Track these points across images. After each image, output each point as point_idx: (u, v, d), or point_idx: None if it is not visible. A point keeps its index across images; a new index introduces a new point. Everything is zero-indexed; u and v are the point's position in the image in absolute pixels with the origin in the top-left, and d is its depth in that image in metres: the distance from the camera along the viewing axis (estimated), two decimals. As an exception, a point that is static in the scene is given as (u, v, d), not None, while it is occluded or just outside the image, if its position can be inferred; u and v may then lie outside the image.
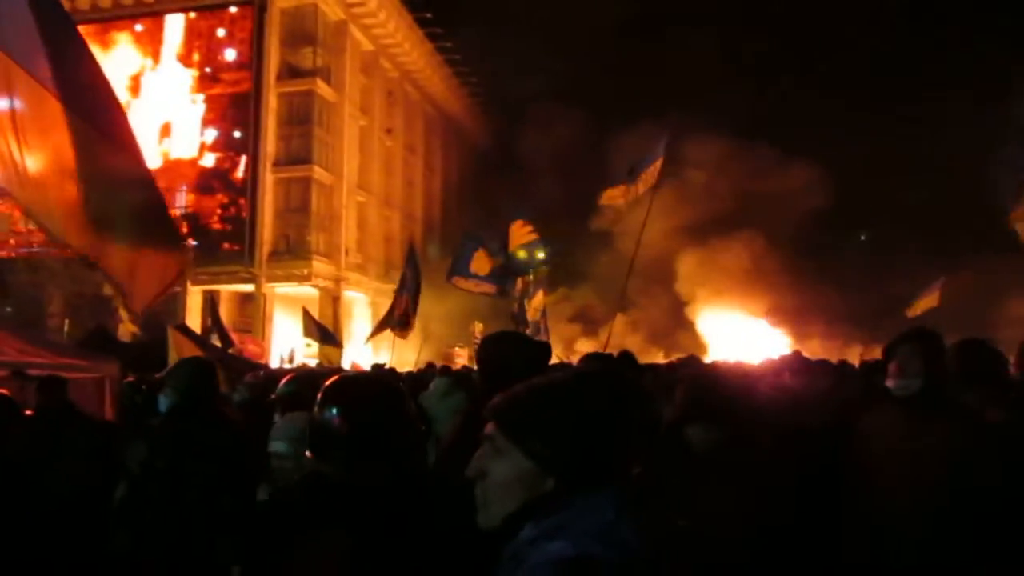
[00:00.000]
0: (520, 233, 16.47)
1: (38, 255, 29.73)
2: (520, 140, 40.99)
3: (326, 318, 30.11)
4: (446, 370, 8.46)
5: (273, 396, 3.23)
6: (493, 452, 1.30)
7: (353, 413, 1.76)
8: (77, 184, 4.54)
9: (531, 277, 17.49)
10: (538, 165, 38.45)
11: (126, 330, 25.36)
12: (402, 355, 17.58)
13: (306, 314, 19.43)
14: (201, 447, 2.90)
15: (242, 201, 34.02)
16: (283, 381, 3.21)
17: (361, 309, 37.24)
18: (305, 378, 3.20)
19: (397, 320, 14.74)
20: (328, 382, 1.88)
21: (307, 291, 32.69)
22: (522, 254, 27.63)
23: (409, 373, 10.54)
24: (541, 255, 27.25)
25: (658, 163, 12.71)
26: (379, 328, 14.04)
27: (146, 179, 5.06)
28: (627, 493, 1.25)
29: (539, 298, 16.79)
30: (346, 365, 18.53)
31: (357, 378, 1.96)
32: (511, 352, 2.35)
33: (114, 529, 2.88)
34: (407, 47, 40.41)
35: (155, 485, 2.87)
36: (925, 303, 19.84)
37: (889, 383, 2.99)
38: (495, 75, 42.61)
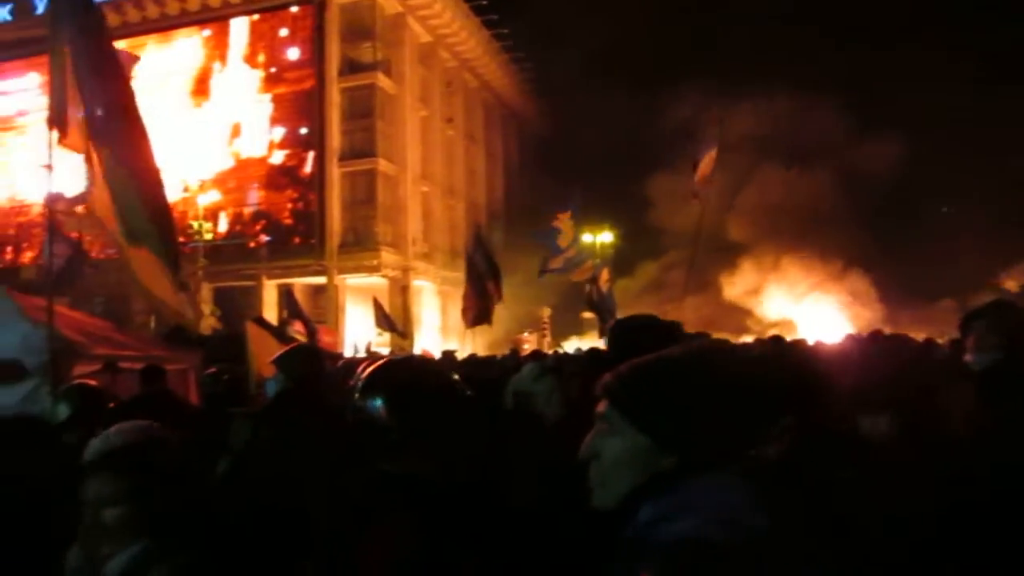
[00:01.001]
0: (569, 223, 16.53)
1: (116, 255, 31.10)
2: (579, 124, 40.85)
3: (395, 307, 30.67)
4: (537, 355, 8.59)
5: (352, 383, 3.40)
6: (607, 431, 1.26)
7: (392, 400, 1.74)
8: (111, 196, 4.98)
9: (598, 260, 17.51)
10: (596, 149, 38.27)
11: (207, 324, 26.41)
12: (471, 342, 17.85)
13: (376, 304, 19.88)
14: (304, 430, 3.02)
15: (311, 196, 34.85)
16: (361, 369, 3.38)
17: (428, 297, 37.75)
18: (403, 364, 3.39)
19: (480, 312, 13.92)
20: (366, 372, 1.88)
21: (376, 281, 33.31)
22: (587, 237, 27.58)
23: (481, 357, 10.75)
24: (608, 239, 27.11)
25: (713, 153, 12.68)
26: (475, 320, 13.41)
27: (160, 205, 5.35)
28: (754, 475, 1.19)
29: (604, 275, 16.81)
30: (417, 352, 18.90)
31: (389, 364, 1.91)
32: (644, 334, 2.28)
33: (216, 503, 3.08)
34: (464, 36, 40.59)
35: (256, 462, 3.04)
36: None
37: (967, 358, 2.91)
38: (552, 60, 42.54)
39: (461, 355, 11.68)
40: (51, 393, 4.43)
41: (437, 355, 13.02)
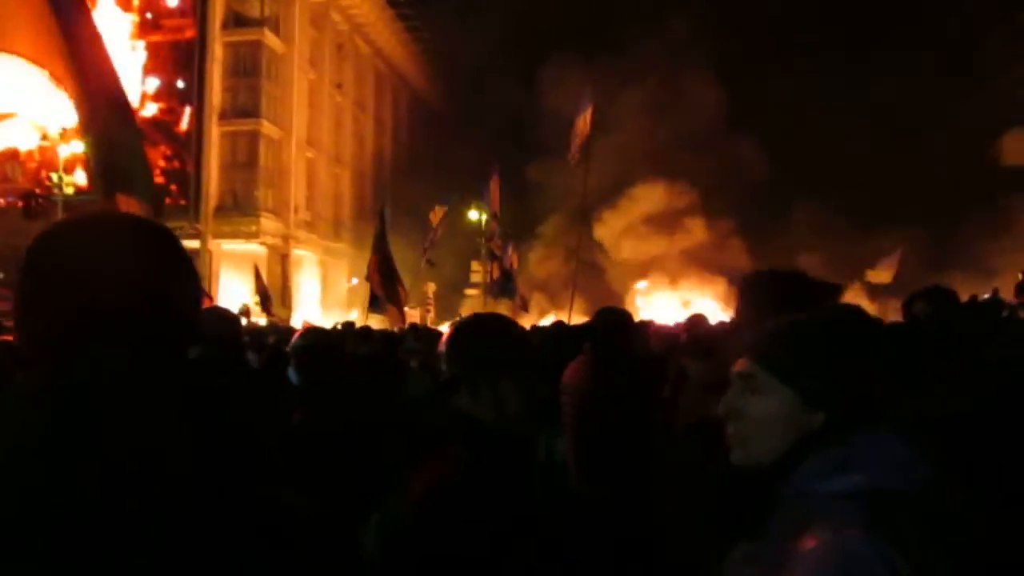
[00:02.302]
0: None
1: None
2: (470, 96, 40.65)
3: (274, 276, 29.67)
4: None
5: (287, 349, 3.68)
6: (751, 390, 1.29)
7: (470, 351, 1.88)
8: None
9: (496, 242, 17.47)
10: (487, 121, 38.21)
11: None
12: (354, 316, 17.44)
13: (257, 273, 19.13)
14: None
15: (186, 154, 32.99)
16: (296, 336, 3.65)
17: (310, 267, 36.73)
18: (315, 333, 3.73)
19: (389, 296, 12.37)
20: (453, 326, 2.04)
21: (254, 248, 32.07)
22: (476, 211, 27.50)
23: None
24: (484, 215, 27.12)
25: (588, 112, 12.87)
26: (381, 307, 12.19)
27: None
28: (911, 430, 1.23)
29: (512, 254, 16.88)
30: (297, 324, 18.30)
31: (476, 320, 2.07)
32: (794, 285, 2.09)
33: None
34: (357, 0, 39.37)
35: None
36: (881, 274, 20.62)
37: None
38: (447, 29, 41.91)
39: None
40: None
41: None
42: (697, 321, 5.40)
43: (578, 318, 9.90)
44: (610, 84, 30.19)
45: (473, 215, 32.05)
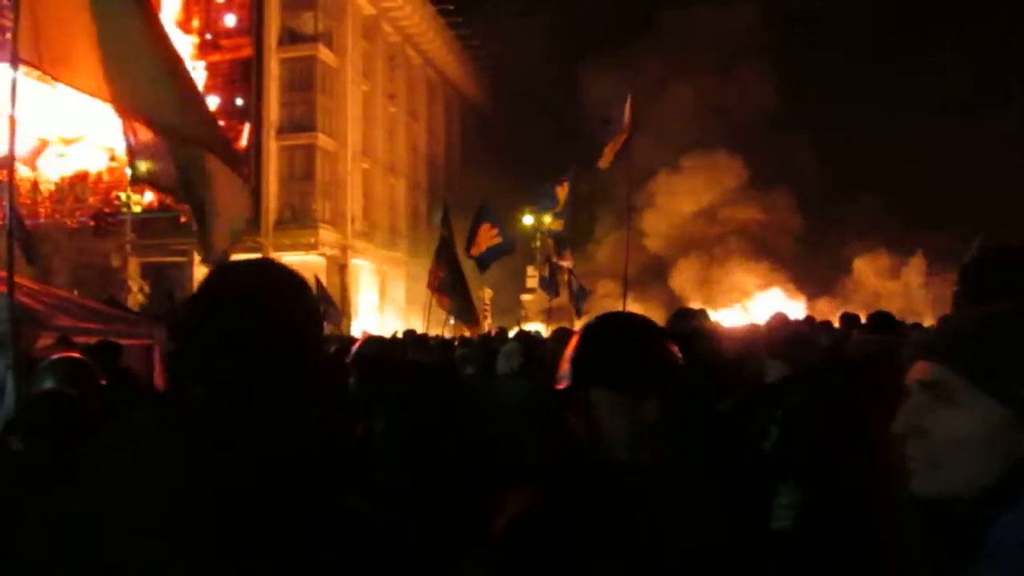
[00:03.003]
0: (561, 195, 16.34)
1: (43, 227, 29.64)
2: (523, 106, 40.69)
3: (333, 286, 30.05)
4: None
5: (349, 360, 3.81)
6: (940, 402, 1.02)
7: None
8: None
9: (550, 241, 17.40)
10: (539, 131, 38.23)
11: (135, 300, 25.42)
12: (412, 324, 17.55)
13: (318, 284, 19.38)
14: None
15: (246, 170, 33.73)
16: (357, 345, 3.81)
17: (367, 277, 37.18)
18: (376, 342, 3.99)
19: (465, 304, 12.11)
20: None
21: (314, 259, 32.62)
22: (530, 216, 27.42)
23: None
24: (548, 219, 27.00)
25: (627, 114, 12.79)
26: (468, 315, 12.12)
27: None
28: None
29: (568, 258, 16.76)
30: (356, 334, 18.53)
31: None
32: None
33: None
34: (408, 10, 39.79)
35: None
36: None
37: None
38: (498, 37, 42.02)
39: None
40: (9, 366, 4.04)
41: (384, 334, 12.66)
42: (780, 322, 5.08)
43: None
44: (654, 80, 30.05)
45: (528, 220, 32.11)
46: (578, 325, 15.01)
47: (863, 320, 7.03)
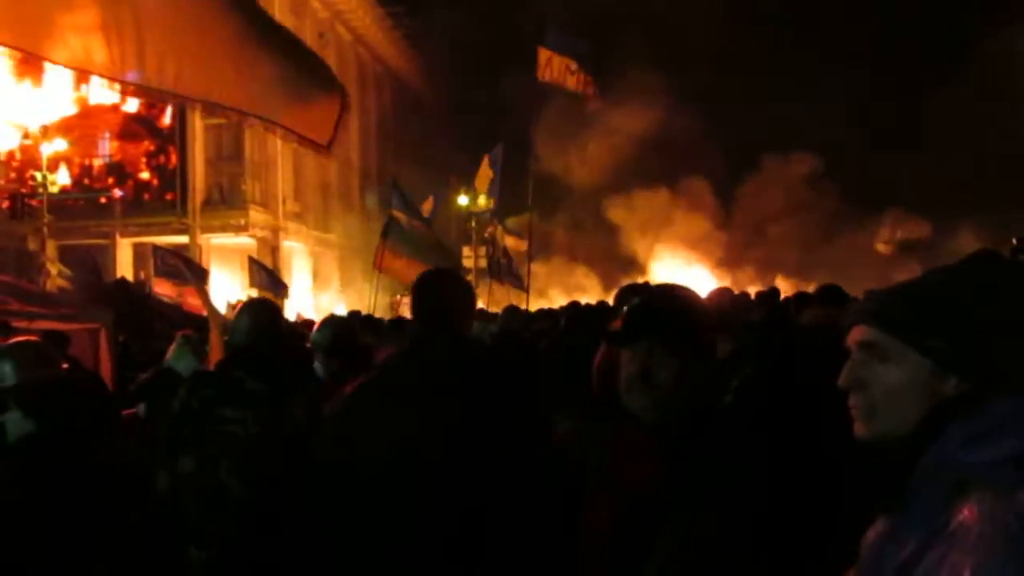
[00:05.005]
0: (483, 176, 16.31)
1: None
2: (455, 83, 40.30)
3: (265, 269, 29.41)
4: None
5: (308, 344, 3.79)
6: (876, 358, 1.21)
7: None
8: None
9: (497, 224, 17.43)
10: (474, 107, 37.97)
11: (53, 285, 24.36)
12: (352, 305, 17.32)
13: (252, 262, 18.97)
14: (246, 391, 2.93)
15: (171, 148, 32.65)
16: (315, 328, 3.77)
17: (300, 259, 36.52)
18: (338, 323, 3.91)
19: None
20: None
21: (244, 241, 31.87)
22: (483, 200, 27.30)
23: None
24: (482, 200, 26.95)
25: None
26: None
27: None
28: None
29: (511, 241, 16.82)
30: (291, 316, 18.20)
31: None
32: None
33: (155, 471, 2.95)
34: (338, -14, 38.96)
35: (190, 427, 2.89)
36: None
37: None
38: (431, 14, 41.54)
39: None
40: None
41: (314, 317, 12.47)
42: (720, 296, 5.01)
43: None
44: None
45: (463, 200, 31.91)
46: (521, 300, 15.05)
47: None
